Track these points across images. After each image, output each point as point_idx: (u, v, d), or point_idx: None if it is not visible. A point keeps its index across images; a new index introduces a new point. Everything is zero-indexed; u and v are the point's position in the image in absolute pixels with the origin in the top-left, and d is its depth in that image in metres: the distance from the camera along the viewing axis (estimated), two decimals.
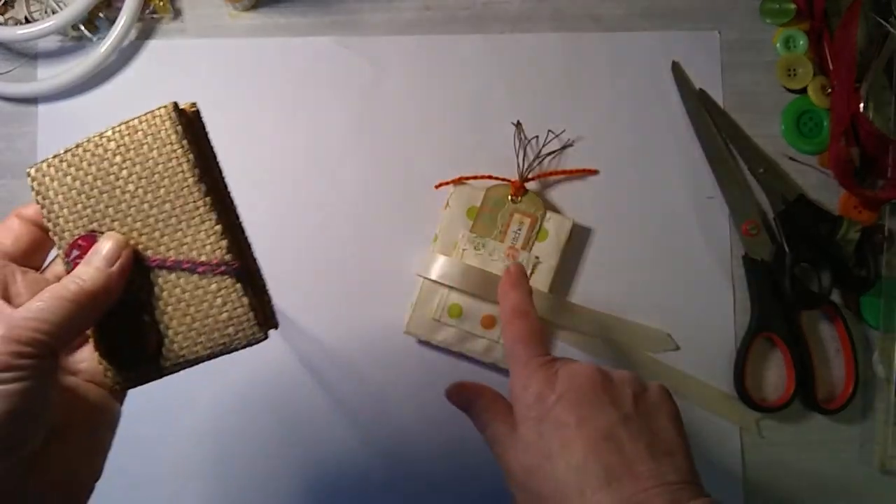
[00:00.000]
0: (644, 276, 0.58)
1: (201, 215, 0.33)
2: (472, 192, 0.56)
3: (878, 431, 0.57)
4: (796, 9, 0.59)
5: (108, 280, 0.33)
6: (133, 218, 0.33)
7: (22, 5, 0.58)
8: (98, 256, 0.33)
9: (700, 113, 0.58)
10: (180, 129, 0.33)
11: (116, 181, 0.33)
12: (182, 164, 0.33)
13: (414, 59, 0.59)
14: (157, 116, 0.33)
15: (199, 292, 0.33)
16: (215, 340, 0.33)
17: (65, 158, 0.34)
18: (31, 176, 0.35)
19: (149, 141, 0.33)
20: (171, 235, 0.33)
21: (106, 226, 0.33)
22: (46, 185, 0.34)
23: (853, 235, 0.56)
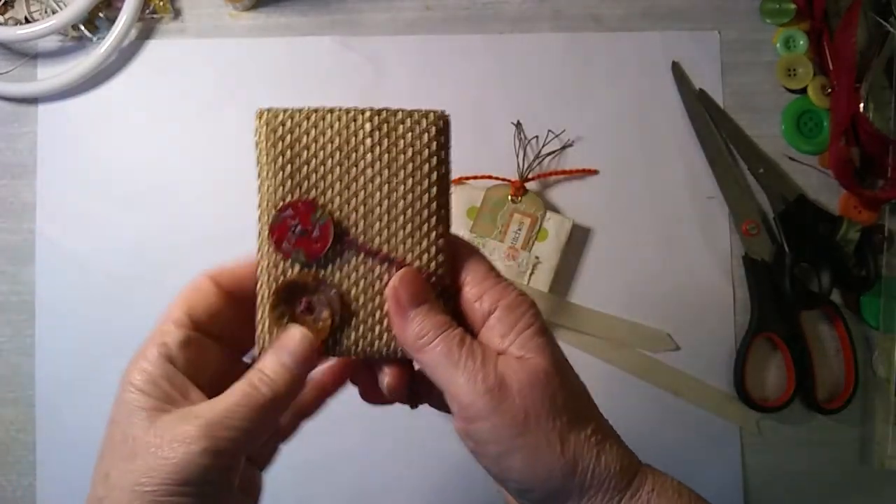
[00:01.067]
0: (644, 276, 0.58)
1: (430, 225, 0.32)
2: (472, 192, 0.56)
3: (878, 431, 0.57)
4: (796, 9, 0.59)
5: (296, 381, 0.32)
6: (357, 200, 0.32)
7: (22, 5, 0.58)
8: (287, 352, 0.32)
9: (700, 113, 0.58)
10: (444, 140, 0.33)
11: (357, 160, 0.32)
12: (433, 171, 0.32)
13: (414, 59, 0.59)
14: (426, 118, 0.33)
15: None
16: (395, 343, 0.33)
17: (307, 115, 0.33)
18: (260, 117, 0.33)
19: (408, 137, 0.32)
20: (389, 231, 0.32)
21: (326, 197, 0.32)
22: (278, 134, 0.33)
23: (853, 235, 0.56)
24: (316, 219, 0.32)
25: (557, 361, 0.32)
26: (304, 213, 0.32)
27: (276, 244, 0.32)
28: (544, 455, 0.31)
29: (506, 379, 0.31)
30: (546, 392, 0.31)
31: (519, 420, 0.30)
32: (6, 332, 0.57)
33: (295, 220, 0.32)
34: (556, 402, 0.31)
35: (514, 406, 0.30)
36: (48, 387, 0.56)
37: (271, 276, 0.33)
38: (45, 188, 0.58)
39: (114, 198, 0.58)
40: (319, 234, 0.32)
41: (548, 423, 0.31)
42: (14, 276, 0.57)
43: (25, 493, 0.56)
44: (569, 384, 0.32)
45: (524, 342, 0.32)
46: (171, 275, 0.57)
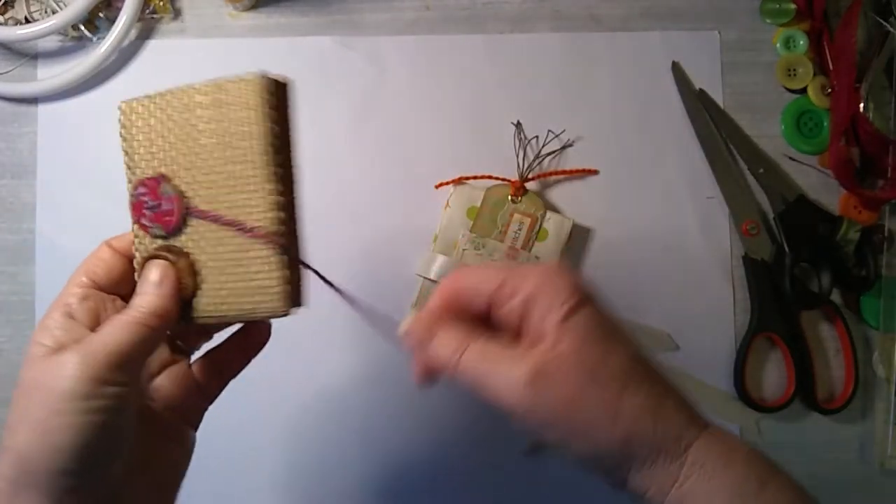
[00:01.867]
0: (644, 276, 0.58)
1: (261, 184, 0.33)
2: (472, 192, 0.56)
3: (878, 431, 0.57)
4: (796, 9, 0.59)
5: (164, 301, 0.33)
6: (200, 170, 0.34)
7: (22, 5, 0.58)
8: (149, 284, 0.34)
9: (700, 113, 0.58)
10: (265, 97, 0.33)
11: (194, 133, 0.34)
12: (256, 132, 0.33)
13: (414, 59, 0.59)
14: (248, 82, 0.33)
15: (239, 255, 0.34)
16: (241, 305, 0.34)
17: (154, 100, 0.35)
18: (121, 110, 0.36)
19: (233, 102, 0.33)
20: (229, 196, 0.34)
21: (173, 172, 0.35)
22: (132, 121, 0.35)
23: (853, 235, 0.56)
24: (162, 192, 0.34)
25: (595, 333, 0.32)
26: (152, 189, 0.35)
27: (137, 221, 0.35)
28: (598, 433, 0.31)
29: (543, 369, 0.31)
30: (585, 370, 0.31)
31: (564, 406, 0.31)
32: (6, 332, 0.57)
33: (146, 196, 0.35)
34: (600, 377, 0.31)
35: (559, 392, 0.31)
36: None
37: (139, 250, 0.36)
38: (45, 188, 0.58)
39: (114, 198, 0.57)
40: (169, 208, 0.34)
41: (594, 400, 0.31)
42: (14, 276, 0.57)
43: None
44: (613, 352, 0.32)
45: (561, 321, 0.32)
46: None
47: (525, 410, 0.31)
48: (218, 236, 0.34)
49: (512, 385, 0.31)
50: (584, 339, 0.32)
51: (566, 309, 0.32)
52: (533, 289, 0.32)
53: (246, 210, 0.34)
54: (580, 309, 0.32)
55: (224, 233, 0.34)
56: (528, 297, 0.32)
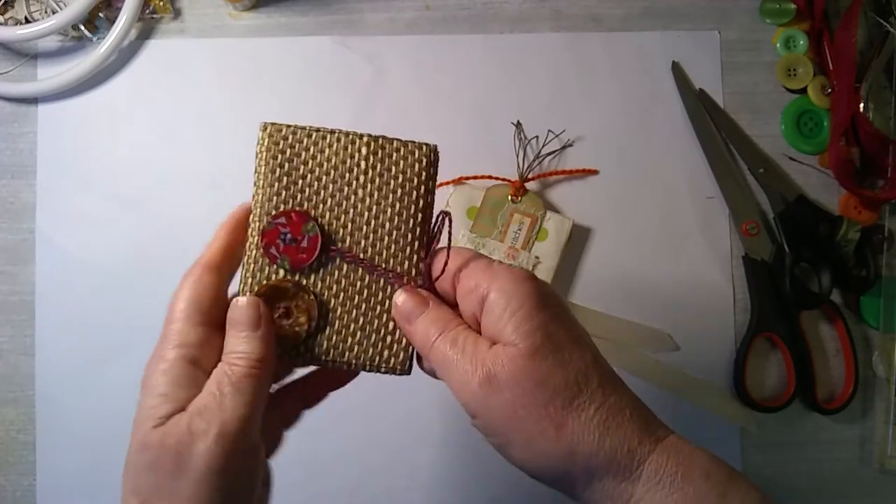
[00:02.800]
0: (644, 276, 0.58)
1: (411, 244, 0.35)
2: (472, 192, 0.56)
3: (878, 431, 0.57)
4: (796, 9, 0.59)
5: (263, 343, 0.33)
6: (347, 216, 0.34)
7: (22, 5, 0.58)
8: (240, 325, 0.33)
9: (700, 113, 0.58)
10: (433, 171, 0.35)
11: (350, 180, 0.34)
12: (420, 199, 0.35)
13: (414, 59, 0.59)
14: (419, 149, 0.35)
15: (373, 305, 0.35)
16: (363, 355, 0.35)
17: (309, 133, 0.35)
18: (265, 130, 0.35)
19: (400, 165, 0.35)
20: (374, 249, 0.35)
21: (318, 211, 0.34)
22: (280, 144, 0.35)
23: (853, 235, 0.56)
24: (307, 230, 0.34)
25: (549, 341, 0.31)
26: (296, 223, 0.34)
27: (264, 248, 0.34)
28: (540, 444, 0.30)
29: (495, 372, 0.31)
30: (535, 379, 0.30)
31: (510, 413, 0.30)
32: (6, 332, 0.57)
33: (286, 228, 0.34)
34: (548, 387, 0.30)
35: (504, 399, 0.30)
36: (48, 387, 0.56)
37: (255, 278, 0.35)
38: (45, 188, 0.58)
39: (114, 198, 0.58)
40: (307, 245, 0.34)
41: (540, 411, 0.30)
42: (14, 276, 0.57)
43: (25, 493, 0.56)
44: (566, 362, 0.31)
45: (517, 326, 0.31)
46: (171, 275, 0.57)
47: (474, 411, 0.31)
48: (351, 282, 0.35)
49: (466, 383, 0.31)
50: (538, 347, 0.31)
51: (522, 314, 0.31)
52: (491, 287, 0.32)
53: (390, 261, 0.35)
54: (538, 315, 0.31)
55: (358, 279, 0.35)
56: (485, 294, 0.32)
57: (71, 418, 0.56)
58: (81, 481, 0.56)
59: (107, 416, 0.56)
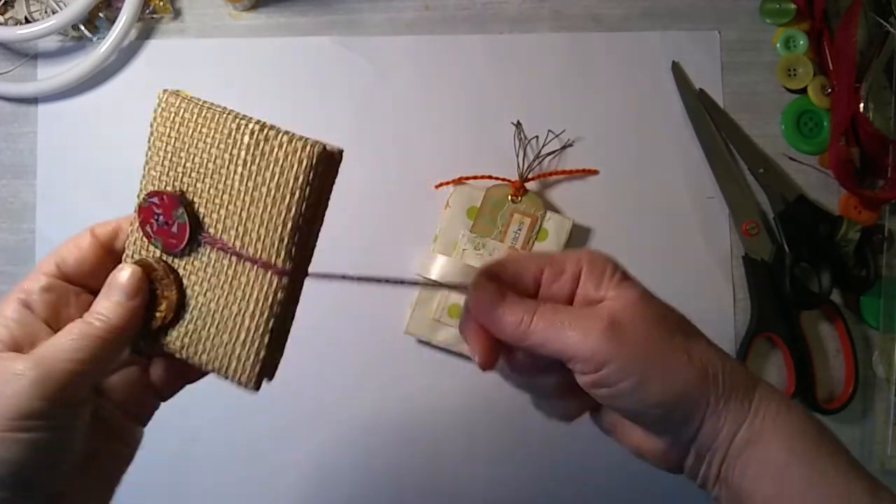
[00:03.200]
0: (644, 276, 0.57)
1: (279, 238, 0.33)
2: (472, 192, 0.56)
3: (878, 431, 0.57)
4: (796, 9, 0.59)
5: (131, 315, 0.32)
6: (221, 203, 0.33)
7: (22, 5, 0.58)
8: (117, 290, 0.32)
9: (700, 113, 0.58)
10: (312, 175, 0.32)
11: (230, 166, 0.33)
12: (292, 200, 0.32)
13: (414, 59, 0.59)
14: (301, 148, 0.32)
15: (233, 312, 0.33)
16: (213, 359, 0.34)
17: (201, 109, 0.33)
18: (161, 99, 0.34)
19: (280, 158, 0.32)
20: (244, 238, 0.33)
21: (195, 191, 0.33)
22: (172, 118, 0.34)
23: (853, 235, 0.56)
24: (176, 216, 0.33)
25: (648, 294, 0.35)
26: (167, 206, 0.33)
27: (140, 225, 0.34)
28: (677, 369, 0.32)
29: (616, 317, 0.33)
30: (656, 316, 0.34)
31: (643, 346, 0.33)
32: None
33: (159, 209, 0.33)
34: (669, 322, 0.34)
35: (634, 336, 0.33)
36: None
37: (133, 250, 0.34)
38: (45, 188, 0.58)
39: (114, 198, 0.57)
40: (177, 231, 0.33)
41: (669, 340, 0.33)
42: (14, 276, 0.57)
43: None
44: (669, 309, 0.35)
45: (616, 286, 0.34)
46: None
47: (603, 359, 0.32)
48: (218, 277, 0.33)
49: (589, 337, 0.32)
50: (642, 297, 0.34)
51: (618, 277, 0.35)
52: (582, 264, 0.35)
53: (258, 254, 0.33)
54: (627, 278, 0.35)
55: (226, 275, 0.33)
56: (577, 271, 0.35)
57: None
58: None
59: None
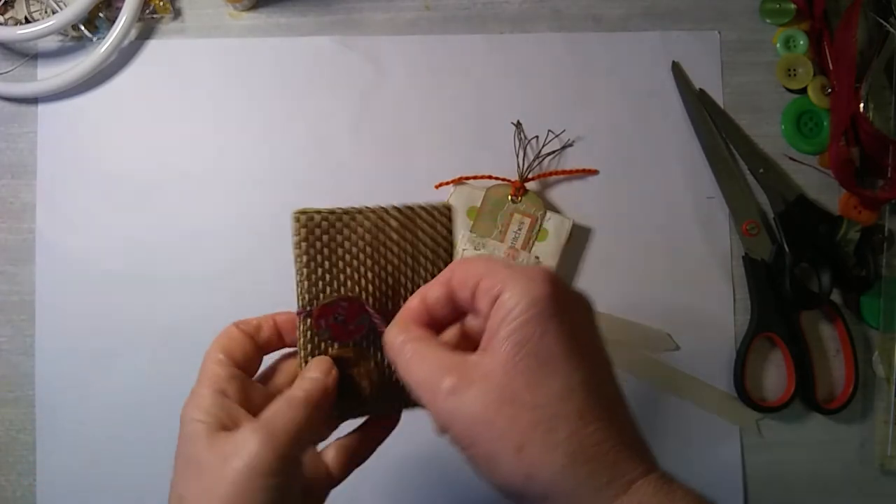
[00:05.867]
0: (644, 276, 0.58)
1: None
2: (472, 192, 0.56)
3: (878, 431, 0.57)
4: (796, 9, 0.59)
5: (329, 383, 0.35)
6: (386, 284, 0.37)
7: (22, 5, 0.58)
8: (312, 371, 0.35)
9: (700, 113, 0.58)
10: (452, 225, 0.38)
11: (385, 251, 0.37)
12: (447, 253, 0.38)
13: (414, 59, 0.59)
14: (438, 210, 0.37)
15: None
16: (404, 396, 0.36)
17: (339, 216, 0.37)
18: (298, 221, 0.37)
19: (425, 228, 0.37)
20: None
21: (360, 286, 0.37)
22: (314, 234, 0.36)
23: (853, 235, 0.56)
24: (359, 320, 0.37)
25: (536, 354, 0.29)
26: (353, 312, 0.37)
27: (315, 318, 0.36)
28: (499, 462, 0.28)
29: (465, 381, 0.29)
30: (506, 392, 0.28)
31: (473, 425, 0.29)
32: (6, 332, 0.57)
33: (344, 312, 0.37)
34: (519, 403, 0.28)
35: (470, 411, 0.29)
36: (48, 387, 0.56)
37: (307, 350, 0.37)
38: (45, 188, 0.58)
39: (114, 198, 0.58)
40: (353, 329, 0.37)
41: (504, 426, 0.28)
42: (14, 276, 0.57)
43: (25, 493, 0.56)
44: (548, 379, 0.29)
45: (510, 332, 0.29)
46: (171, 274, 0.57)
47: (440, 421, 0.30)
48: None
49: (435, 391, 0.29)
50: (519, 359, 0.29)
51: (519, 321, 0.29)
52: (502, 290, 0.30)
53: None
54: (532, 323, 0.29)
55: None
56: (494, 297, 0.30)
57: (71, 418, 0.56)
58: (81, 481, 0.56)
59: (107, 416, 0.56)
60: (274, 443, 0.31)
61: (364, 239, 0.37)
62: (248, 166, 0.58)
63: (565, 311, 0.30)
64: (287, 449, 0.31)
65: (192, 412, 0.34)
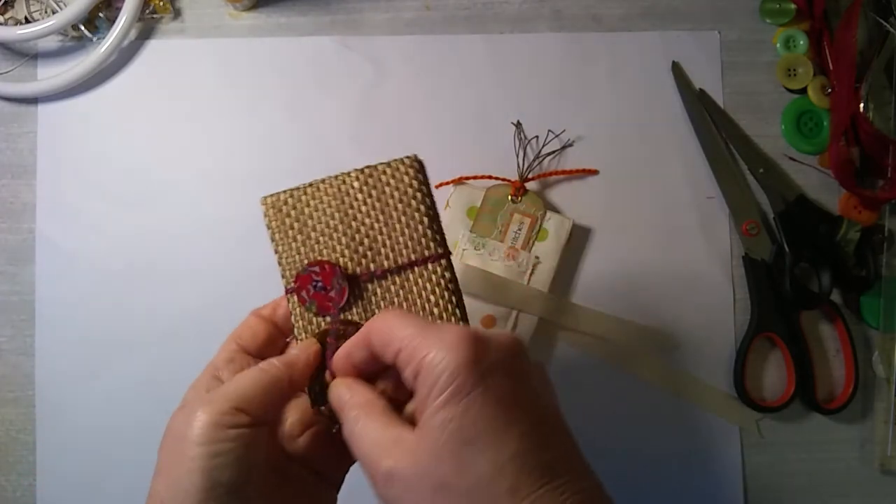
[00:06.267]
0: (644, 276, 0.58)
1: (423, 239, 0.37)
2: (472, 192, 0.56)
3: (878, 431, 0.57)
4: (796, 9, 0.59)
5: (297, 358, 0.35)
6: (360, 243, 0.37)
7: (22, 5, 0.58)
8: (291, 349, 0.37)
9: (700, 113, 0.58)
10: (421, 176, 0.38)
11: (352, 213, 0.38)
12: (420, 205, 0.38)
13: (414, 59, 0.59)
14: (402, 164, 0.38)
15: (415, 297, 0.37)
16: None
17: (304, 191, 0.38)
18: (265, 204, 0.39)
19: (392, 180, 0.38)
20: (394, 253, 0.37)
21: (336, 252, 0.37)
22: (283, 213, 0.38)
23: (853, 235, 0.56)
24: (336, 282, 0.37)
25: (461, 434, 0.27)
26: (328, 274, 0.37)
27: (296, 290, 0.37)
28: None
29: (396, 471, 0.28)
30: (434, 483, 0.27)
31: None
32: (6, 332, 0.57)
33: (318, 277, 0.37)
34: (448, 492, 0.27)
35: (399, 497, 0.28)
36: (48, 387, 0.56)
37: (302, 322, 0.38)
38: (45, 188, 0.58)
39: (114, 198, 0.58)
40: (334, 295, 0.37)
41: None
42: (14, 276, 0.57)
43: (25, 493, 0.56)
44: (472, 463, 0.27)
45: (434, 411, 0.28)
46: (171, 274, 0.57)
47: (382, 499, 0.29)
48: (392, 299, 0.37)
49: (374, 473, 0.29)
50: (445, 440, 0.27)
51: (441, 400, 0.27)
52: (420, 366, 0.28)
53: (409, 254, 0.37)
54: (455, 400, 0.27)
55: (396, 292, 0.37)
56: (415, 372, 0.29)
57: (71, 418, 0.56)
58: (81, 481, 0.56)
59: (107, 416, 0.56)
60: (213, 411, 0.31)
61: (331, 206, 0.38)
62: (248, 166, 0.58)
63: (491, 375, 0.28)
64: (225, 416, 0.31)
65: (186, 393, 0.36)
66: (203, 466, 0.31)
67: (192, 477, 0.30)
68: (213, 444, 0.31)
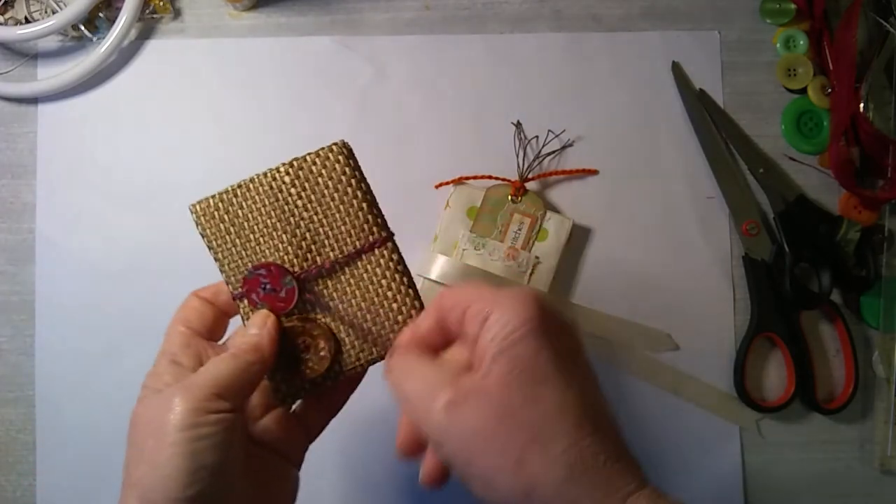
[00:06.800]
0: (644, 276, 0.58)
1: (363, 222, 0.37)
2: (472, 192, 0.57)
3: (878, 431, 0.57)
4: (796, 9, 0.59)
5: (261, 339, 0.36)
6: (307, 240, 0.37)
7: (22, 5, 0.58)
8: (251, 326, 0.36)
9: (700, 113, 0.58)
10: (351, 161, 0.38)
11: (289, 207, 0.37)
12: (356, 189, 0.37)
13: (414, 59, 0.59)
14: (331, 152, 0.38)
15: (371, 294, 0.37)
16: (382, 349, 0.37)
17: (234, 192, 0.37)
18: (195, 212, 0.38)
19: (322, 170, 0.37)
20: (339, 243, 0.37)
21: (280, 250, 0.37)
22: (217, 218, 0.37)
23: (853, 235, 0.56)
24: (284, 283, 0.37)
25: (529, 371, 0.29)
26: (275, 276, 0.37)
27: (246, 293, 0.37)
28: (498, 478, 0.29)
29: (461, 398, 0.30)
30: (502, 409, 0.29)
31: (470, 442, 0.29)
32: (6, 332, 0.57)
33: (266, 279, 0.37)
34: (515, 419, 0.29)
35: (467, 427, 0.29)
36: (48, 387, 0.56)
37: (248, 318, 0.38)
38: (45, 188, 0.58)
39: (114, 198, 0.58)
40: (284, 296, 0.37)
41: (501, 442, 0.29)
42: (14, 276, 0.57)
43: (25, 493, 0.56)
44: (542, 394, 0.29)
45: (500, 351, 0.30)
46: (171, 274, 0.57)
47: (436, 438, 0.30)
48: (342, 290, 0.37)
49: (429, 408, 0.30)
50: (514, 375, 0.29)
51: (510, 340, 0.30)
52: (491, 312, 0.31)
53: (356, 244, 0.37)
54: (524, 341, 0.30)
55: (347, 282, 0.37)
56: (484, 319, 0.31)
57: (71, 418, 0.56)
58: (81, 481, 0.56)
59: (107, 415, 0.56)
60: (192, 397, 0.32)
61: (266, 204, 0.37)
62: (248, 166, 0.57)
63: (553, 332, 0.31)
64: (205, 402, 0.32)
65: (146, 380, 0.36)
66: (185, 451, 0.31)
67: (175, 461, 0.31)
68: (194, 428, 0.31)
